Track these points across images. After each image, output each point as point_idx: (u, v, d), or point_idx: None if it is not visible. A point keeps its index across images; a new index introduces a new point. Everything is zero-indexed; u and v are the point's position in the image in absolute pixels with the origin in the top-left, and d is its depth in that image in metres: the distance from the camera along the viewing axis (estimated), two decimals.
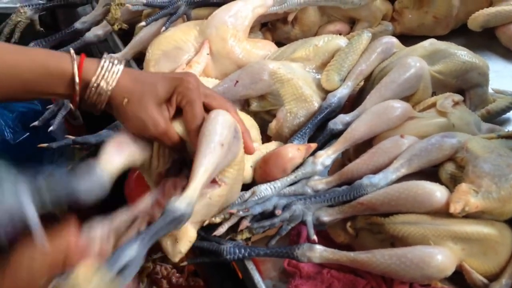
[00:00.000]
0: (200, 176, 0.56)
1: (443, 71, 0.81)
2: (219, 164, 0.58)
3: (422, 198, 0.61)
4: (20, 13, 1.10)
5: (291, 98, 0.81)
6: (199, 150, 0.57)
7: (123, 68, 0.63)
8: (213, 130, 0.58)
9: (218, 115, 0.60)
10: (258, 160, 0.73)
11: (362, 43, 0.84)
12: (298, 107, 0.81)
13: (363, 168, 0.69)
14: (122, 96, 0.62)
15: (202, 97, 0.63)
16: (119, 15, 0.97)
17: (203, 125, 0.60)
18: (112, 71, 0.62)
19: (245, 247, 0.65)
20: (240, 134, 0.63)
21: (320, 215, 0.66)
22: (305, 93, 0.81)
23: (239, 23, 0.89)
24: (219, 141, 0.58)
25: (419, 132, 0.71)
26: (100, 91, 0.61)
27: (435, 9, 1.00)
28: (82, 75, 0.61)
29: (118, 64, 0.63)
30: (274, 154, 0.70)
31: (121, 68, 0.63)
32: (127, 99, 0.62)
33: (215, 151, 0.57)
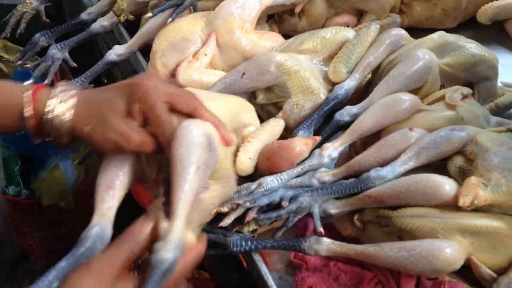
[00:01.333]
0: (180, 210, 0.52)
1: (452, 64, 0.80)
2: (199, 187, 0.56)
3: (431, 191, 0.60)
4: (26, 4, 1.10)
5: (298, 90, 0.80)
6: (173, 180, 0.53)
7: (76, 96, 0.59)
8: (186, 154, 0.54)
9: (187, 131, 0.56)
10: (264, 150, 0.71)
11: (370, 35, 0.83)
12: (304, 99, 0.80)
13: (371, 160, 0.68)
14: (84, 124, 0.58)
15: (165, 98, 0.58)
16: (125, 6, 0.96)
17: (173, 146, 0.55)
18: (66, 103, 0.58)
19: (252, 239, 0.65)
20: (215, 141, 0.59)
21: (327, 208, 0.66)
22: (312, 85, 0.80)
23: (246, 14, 0.88)
24: (194, 165, 0.54)
25: (427, 125, 0.71)
26: (57, 126, 0.58)
27: (444, 1, 1.00)
28: (36, 109, 0.58)
29: (71, 94, 0.59)
30: (282, 147, 0.70)
31: (73, 99, 0.59)
32: (89, 125, 0.58)
33: (191, 178, 0.53)
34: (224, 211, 0.65)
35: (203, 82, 0.82)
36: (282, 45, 0.90)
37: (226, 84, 0.81)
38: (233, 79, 0.82)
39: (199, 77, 0.82)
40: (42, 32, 1.05)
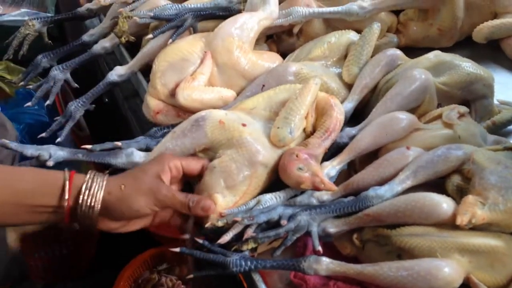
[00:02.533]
0: None
1: (448, 83, 0.82)
2: None
3: (428, 210, 0.61)
4: (28, 26, 1.12)
5: None
6: None
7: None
8: None
9: None
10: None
11: (374, 34, 0.89)
12: None
13: (369, 179, 0.69)
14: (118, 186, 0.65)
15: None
16: (127, 28, 0.97)
17: None
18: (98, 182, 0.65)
19: (252, 259, 0.65)
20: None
21: (326, 226, 0.66)
22: (331, 87, 0.85)
23: (245, 35, 0.89)
24: None
25: (425, 143, 0.71)
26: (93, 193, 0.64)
27: (439, 21, 1.01)
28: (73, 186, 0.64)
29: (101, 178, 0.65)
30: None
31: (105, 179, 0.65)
32: (123, 185, 0.65)
33: None
34: (219, 225, 0.66)
35: (204, 100, 0.83)
36: (290, 57, 0.95)
37: (247, 97, 0.83)
38: (254, 92, 0.84)
39: (199, 95, 0.83)
40: (44, 54, 1.07)
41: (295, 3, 1.01)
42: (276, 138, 0.71)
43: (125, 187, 0.66)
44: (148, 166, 0.69)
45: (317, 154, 0.71)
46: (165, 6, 1.00)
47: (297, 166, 0.68)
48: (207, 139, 0.70)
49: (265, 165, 0.70)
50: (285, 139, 0.71)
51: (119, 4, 1.12)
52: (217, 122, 0.71)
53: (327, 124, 0.74)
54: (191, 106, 0.83)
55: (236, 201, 0.69)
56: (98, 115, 1.11)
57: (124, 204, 0.65)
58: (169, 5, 1.01)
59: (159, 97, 0.89)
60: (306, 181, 0.67)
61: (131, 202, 0.65)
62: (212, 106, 0.82)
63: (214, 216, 0.67)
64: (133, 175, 0.67)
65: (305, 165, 0.68)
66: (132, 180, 0.66)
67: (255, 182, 0.70)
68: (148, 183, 0.66)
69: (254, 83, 0.86)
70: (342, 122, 0.75)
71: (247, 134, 0.70)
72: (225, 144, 0.70)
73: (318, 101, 0.76)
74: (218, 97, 0.84)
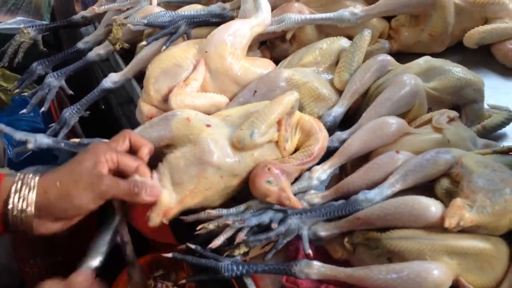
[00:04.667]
0: None
1: (438, 88, 0.82)
2: None
3: (417, 213, 0.61)
4: (23, 34, 1.13)
5: (310, 100, 0.84)
6: None
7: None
8: None
9: None
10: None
11: (365, 40, 0.90)
12: (318, 107, 0.85)
13: (359, 182, 0.69)
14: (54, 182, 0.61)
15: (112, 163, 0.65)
16: (121, 35, 0.98)
17: None
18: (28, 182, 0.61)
19: (243, 263, 0.65)
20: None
21: (317, 230, 0.66)
22: (322, 93, 0.85)
23: (238, 41, 0.90)
24: None
25: (414, 148, 0.72)
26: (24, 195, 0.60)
27: (430, 27, 1.02)
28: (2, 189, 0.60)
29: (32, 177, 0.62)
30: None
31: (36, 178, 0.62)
32: (58, 181, 0.61)
33: None
34: (210, 228, 0.67)
35: (196, 106, 0.83)
36: (282, 63, 0.95)
37: (239, 103, 0.85)
38: (246, 98, 0.85)
39: (191, 101, 0.84)
40: (39, 61, 1.08)
41: (287, 10, 1.02)
42: (236, 138, 0.70)
43: (61, 183, 0.61)
44: (83, 157, 0.64)
45: (290, 172, 0.71)
46: (158, 13, 1.01)
47: (267, 179, 0.68)
48: (171, 133, 0.70)
49: (217, 167, 0.68)
50: (244, 141, 0.69)
51: (114, 11, 1.13)
52: (184, 119, 0.71)
53: (312, 149, 0.73)
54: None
55: (181, 198, 0.68)
56: (93, 121, 1.11)
57: (65, 201, 0.61)
58: (162, 12, 1.02)
59: (152, 102, 0.89)
60: (272, 195, 0.67)
61: (72, 198, 0.61)
62: (205, 111, 0.82)
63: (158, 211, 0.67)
64: (68, 169, 0.63)
65: (274, 179, 0.68)
66: (68, 175, 0.62)
67: (204, 182, 0.68)
68: (86, 175, 0.62)
69: (246, 89, 0.87)
70: (324, 147, 0.75)
71: (207, 134, 0.70)
72: (184, 141, 0.70)
73: (304, 123, 0.76)
74: (210, 103, 0.85)
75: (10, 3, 1.48)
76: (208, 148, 0.69)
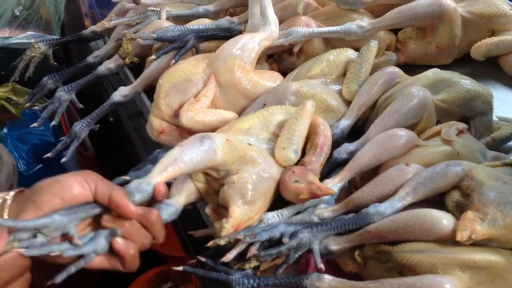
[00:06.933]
0: None
1: (446, 100, 0.83)
2: None
3: (429, 226, 0.61)
4: (34, 48, 1.14)
5: (319, 111, 0.85)
6: None
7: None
8: None
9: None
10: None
11: (372, 51, 0.90)
12: (328, 118, 0.85)
13: (369, 196, 0.69)
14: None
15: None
16: (131, 49, 0.99)
17: None
18: None
19: (254, 277, 0.65)
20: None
21: (328, 244, 0.66)
22: (331, 104, 0.86)
23: (246, 55, 0.91)
24: None
25: (424, 160, 0.72)
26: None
27: (437, 39, 1.03)
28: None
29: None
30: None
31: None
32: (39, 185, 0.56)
33: None
34: (221, 243, 0.66)
35: (206, 122, 0.84)
36: (290, 76, 0.96)
37: None
38: (255, 111, 0.85)
39: (202, 117, 0.85)
40: (49, 75, 1.09)
41: (295, 23, 1.03)
42: (282, 158, 0.73)
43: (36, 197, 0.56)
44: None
45: (314, 169, 0.73)
46: (168, 28, 1.03)
47: (294, 179, 0.70)
48: (219, 156, 0.67)
49: (276, 182, 0.72)
50: (291, 159, 0.73)
51: (123, 26, 1.15)
52: (224, 140, 0.69)
53: (316, 142, 0.76)
54: (193, 128, 0.84)
55: (251, 216, 0.70)
56: (103, 134, 1.12)
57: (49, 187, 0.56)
58: (171, 26, 1.03)
59: (162, 117, 0.90)
60: (303, 191, 0.69)
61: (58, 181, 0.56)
62: (214, 127, 0.83)
63: (232, 224, 0.68)
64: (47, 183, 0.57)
65: (301, 177, 0.70)
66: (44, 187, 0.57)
67: (268, 198, 0.71)
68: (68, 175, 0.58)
69: (255, 103, 0.88)
70: (329, 136, 0.78)
71: (255, 152, 0.72)
72: (237, 161, 0.70)
73: None
74: (220, 119, 0.86)
75: (21, 18, 1.50)
76: (269, 166, 0.71)
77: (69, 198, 0.57)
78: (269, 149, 0.75)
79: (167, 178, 0.64)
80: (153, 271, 1.25)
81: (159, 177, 0.63)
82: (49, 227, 0.56)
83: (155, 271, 1.26)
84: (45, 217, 0.56)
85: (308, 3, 1.11)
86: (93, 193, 0.59)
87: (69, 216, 0.57)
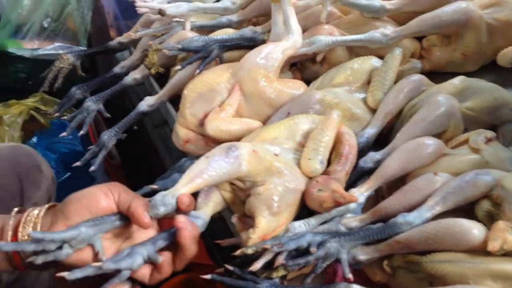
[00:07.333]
0: None
1: (474, 108, 0.82)
2: None
3: (459, 236, 0.60)
4: (63, 60, 1.17)
5: (344, 120, 0.84)
6: None
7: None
8: None
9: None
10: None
11: (396, 59, 0.90)
12: (352, 127, 0.85)
13: (397, 205, 0.69)
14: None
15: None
16: (156, 60, 1.01)
17: None
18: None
19: (282, 286, 0.66)
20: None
21: (356, 254, 0.66)
22: (355, 112, 0.86)
23: (270, 64, 0.92)
24: None
25: (452, 169, 0.71)
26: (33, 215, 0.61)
27: (463, 46, 1.01)
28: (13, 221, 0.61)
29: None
30: None
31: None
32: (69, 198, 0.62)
33: None
34: (248, 252, 0.67)
35: (231, 131, 0.85)
36: (314, 84, 0.96)
37: None
38: (280, 120, 0.86)
39: (226, 126, 0.85)
40: (77, 86, 1.12)
41: (318, 32, 1.04)
42: (308, 169, 0.73)
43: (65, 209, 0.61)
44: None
45: (338, 177, 0.73)
46: (192, 38, 1.04)
47: (317, 188, 0.71)
48: (245, 168, 0.69)
49: (302, 192, 0.72)
50: (317, 170, 0.73)
51: (149, 37, 1.17)
52: (250, 151, 0.71)
53: (341, 151, 0.76)
54: (219, 137, 0.85)
55: (277, 226, 0.70)
56: (128, 143, 1.14)
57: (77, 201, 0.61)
58: (196, 37, 1.05)
59: (188, 126, 0.91)
60: (326, 199, 0.70)
61: (84, 195, 0.62)
62: (239, 136, 0.84)
63: (259, 234, 0.69)
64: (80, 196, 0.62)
65: (324, 186, 0.71)
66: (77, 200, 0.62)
67: (294, 208, 0.72)
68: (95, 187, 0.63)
69: (280, 112, 0.89)
70: (354, 145, 0.77)
71: (283, 163, 0.73)
72: (263, 172, 0.71)
73: None
74: (245, 128, 0.86)
75: (49, 30, 1.54)
76: (295, 177, 0.72)
77: (96, 208, 0.61)
78: (295, 159, 0.76)
79: (193, 190, 0.66)
80: (178, 279, 1.26)
81: (185, 189, 0.65)
82: (76, 239, 0.58)
83: (180, 279, 1.26)
84: (72, 229, 0.59)
85: (331, 12, 1.11)
86: (116, 202, 0.62)
87: (95, 227, 0.61)
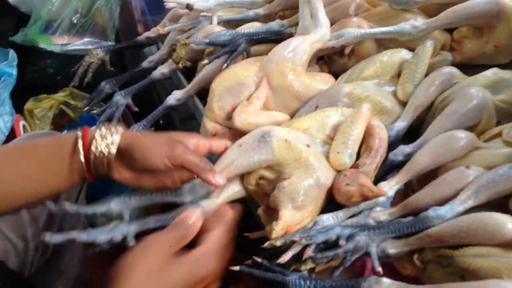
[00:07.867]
0: None
1: (507, 101, 0.80)
2: None
3: (493, 230, 0.59)
4: (93, 55, 1.19)
5: (374, 113, 0.83)
6: None
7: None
8: None
9: None
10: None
11: (427, 51, 0.88)
12: (382, 120, 0.83)
13: (428, 199, 0.68)
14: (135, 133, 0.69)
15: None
16: (184, 54, 1.02)
17: None
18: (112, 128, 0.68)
19: (311, 279, 0.66)
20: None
21: (386, 247, 0.66)
22: (385, 106, 0.85)
23: (298, 58, 0.91)
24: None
25: (485, 162, 0.70)
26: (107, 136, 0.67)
27: (495, 38, 0.99)
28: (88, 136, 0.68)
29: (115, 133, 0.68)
30: None
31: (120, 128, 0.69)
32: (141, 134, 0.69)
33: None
34: (277, 245, 0.67)
35: (259, 124, 0.85)
36: (342, 77, 0.96)
37: None
38: (308, 113, 0.85)
39: (254, 119, 0.86)
40: (107, 80, 1.13)
41: (346, 25, 1.03)
42: (337, 162, 0.73)
43: (142, 135, 0.69)
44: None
45: (366, 171, 0.72)
46: (219, 32, 1.04)
47: (345, 182, 0.70)
48: (273, 156, 0.72)
49: (328, 187, 0.72)
50: (346, 164, 0.73)
51: (176, 32, 1.18)
52: (283, 140, 0.72)
53: (371, 144, 0.75)
54: (247, 130, 0.85)
55: (301, 219, 0.70)
56: None
57: (138, 150, 0.66)
58: (223, 31, 1.05)
59: (216, 120, 0.92)
60: (354, 193, 0.69)
61: (145, 149, 0.66)
62: None
63: (282, 226, 0.69)
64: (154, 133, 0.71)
65: (352, 180, 0.70)
66: (151, 134, 0.70)
67: (320, 203, 0.72)
68: (166, 137, 0.69)
69: (308, 105, 0.88)
70: (385, 138, 0.77)
71: (313, 156, 0.72)
72: (291, 164, 0.72)
73: None
74: (273, 121, 0.86)
75: (78, 25, 1.56)
76: (322, 172, 0.72)
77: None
78: (324, 152, 0.75)
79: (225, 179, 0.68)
80: None
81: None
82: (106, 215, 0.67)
83: None
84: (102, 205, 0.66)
85: (360, 4, 1.10)
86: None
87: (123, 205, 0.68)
